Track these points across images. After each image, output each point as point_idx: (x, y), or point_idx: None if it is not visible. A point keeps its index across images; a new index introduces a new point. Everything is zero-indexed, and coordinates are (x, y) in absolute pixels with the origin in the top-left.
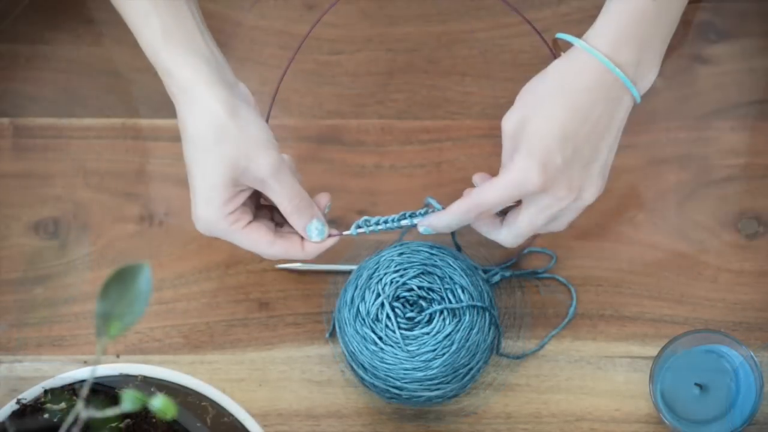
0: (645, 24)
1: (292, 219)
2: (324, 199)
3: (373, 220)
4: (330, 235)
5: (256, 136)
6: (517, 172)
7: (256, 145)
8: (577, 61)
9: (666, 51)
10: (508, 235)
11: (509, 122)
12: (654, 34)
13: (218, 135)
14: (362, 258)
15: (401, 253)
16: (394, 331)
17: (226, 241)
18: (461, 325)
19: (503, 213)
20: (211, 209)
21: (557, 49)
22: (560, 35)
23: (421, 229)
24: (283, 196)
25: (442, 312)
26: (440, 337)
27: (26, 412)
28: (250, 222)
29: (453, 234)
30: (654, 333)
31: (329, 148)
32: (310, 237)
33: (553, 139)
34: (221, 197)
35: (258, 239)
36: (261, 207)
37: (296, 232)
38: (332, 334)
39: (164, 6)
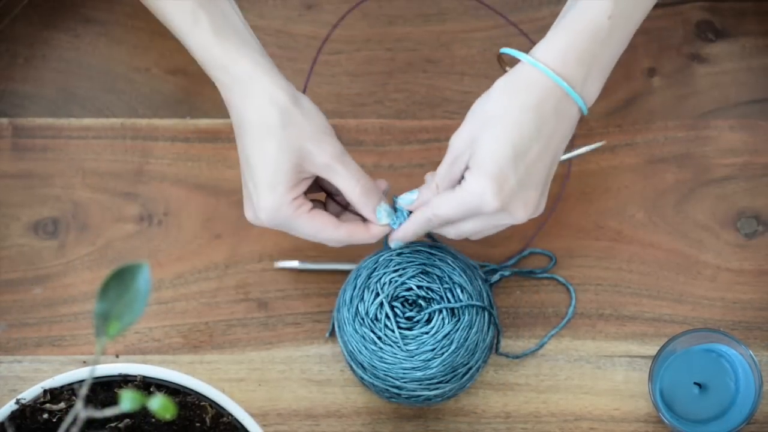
0: (597, 41)
1: (361, 201)
2: (383, 184)
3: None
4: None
5: (318, 123)
6: (473, 195)
7: (320, 131)
8: (523, 76)
9: (664, 50)
10: (451, 231)
11: (457, 139)
12: (604, 51)
13: (284, 120)
14: (361, 257)
15: (400, 253)
16: (393, 331)
17: (282, 233)
18: (460, 325)
19: None
20: (277, 195)
21: (503, 64)
22: (505, 50)
23: (392, 244)
24: (351, 178)
25: (441, 311)
26: (439, 336)
27: (25, 412)
28: (312, 208)
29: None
30: (653, 332)
31: None
32: (380, 219)
33: (505, 159)
34: (287, 183)
35: (323, 224)
36: (315, 202)
37: (358, 218)
38: (332, 333)
39: (209, 4)
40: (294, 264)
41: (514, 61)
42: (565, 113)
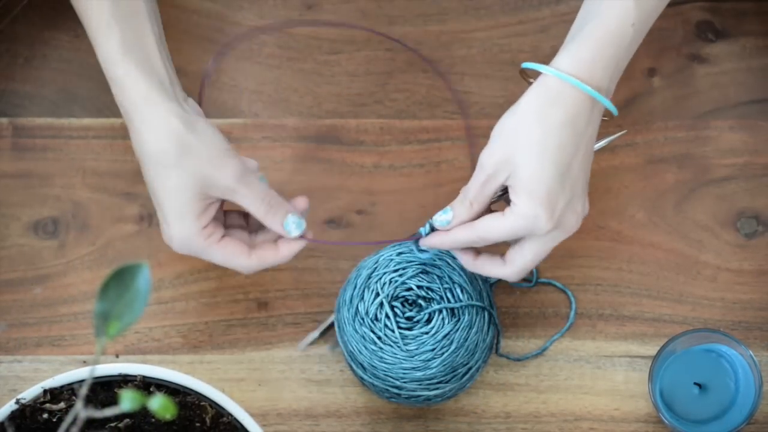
0: (621, 48)
1: (267, 219)
2: (302, 203)
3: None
4: (303, 237)
5: (216, 146)
6: (526, 219)
7: (218, 155)
8: (553, 91)
9: (664, 50)
10: (513, 271)
11: (490, 159)
12: (625, 57)
13: (180, 149)
14: (361, 257)
15: (400, 253)
16: (393, 331)
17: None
18: (460, 325)
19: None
20: (186, 225)
21: (526, 77)
22: (528, 65)
23: (422, 245)
24: (253, 198)
25: (441, 311)
26: (439, 336)
27: (25, 412)
28: (223, 236)
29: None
30: (653, 332)
31: (328, 148)
32: (289, 232)
33: (553, 180)
34: (194, 211)
35: (234, 253)
36: (230, 225)
37: (268, 239)
38: (323, 334)
39: (125, 20)
40: (313, 336)
41: (536, 72)
42: (596, 119)
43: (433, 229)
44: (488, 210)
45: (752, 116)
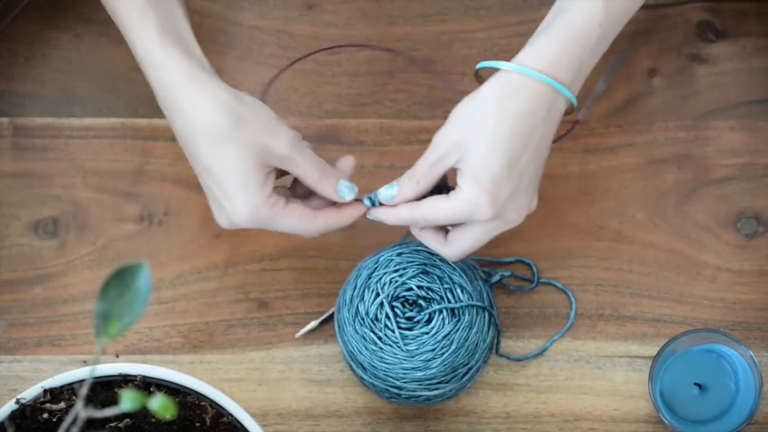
0: (586, 48)
1: (320, 185)
2: (349, 162)
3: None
4: (357, 199)
5: (266, 116)
6: (468, 204)
7: (271, 124)
8: (514, 81)
9: (664, 50)
10: (451, 252)
11: (444, 139)
12: (591, 58)
13: (235, 121)
14: (362, 257)
15: (400, 253)
16: (393, 331)
17: (260, 232)
18: (460, 325)
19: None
20: (252, 196)
21: (481, 79)
22: (484, 64)
23: (369, 216)
24: (308, 165)
25: (441, 311)
26: (439, 336)
27: (25, 411)
28: (287, 203)
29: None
30: (653, 333)
31: (328, 148)
32: (343, 196)
33: (499, 169)
34: (257, 181)
35: (300, 217)
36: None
37: (322, 206)
38: (320, 324)
39: (159, 5)
40: (312, 325)
41: (491, 74)
42: (555, 115)
43: (375, 204)
44: (436, 191)
45: (753, 116)
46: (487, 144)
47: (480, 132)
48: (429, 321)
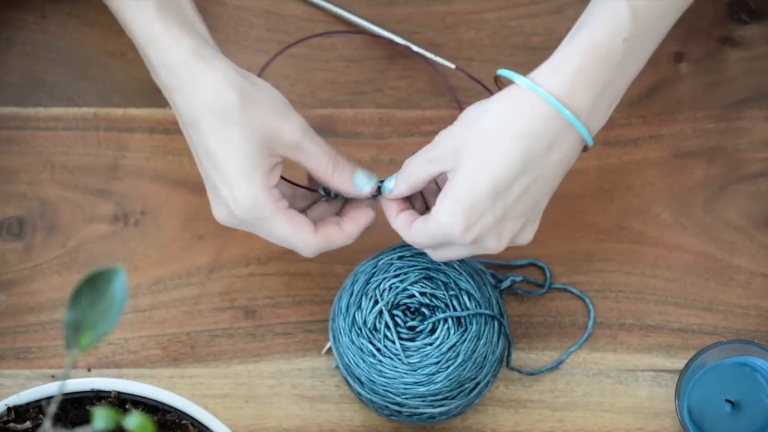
0: (610, 65)
1: (335, 177)
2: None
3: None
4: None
5: (277, 99)
6: (443, 228)
7: (281, 108)
8: (523, 101)
9: (692, 32)
10: (436, 258)
11: (444, 142)
12: (617, 77)
13: (244, 101)
14: (359, 261)
15: (401, 256)
16: (393, 342)
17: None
18: (467, 335)
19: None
20: (254, 182)
21: (501, 85)
22: (503, 72)
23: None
24: (320, 154)
25: (446, 321)
26: (444, 348)
27: None
28: (288, 207)
29: None
30: (680, 344)
31: None
32: (361, 188)
33: (483, 194)
34: (262, 167)
35: (301, 225)
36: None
37: (326, 215)
38: (330, 350)
39: None
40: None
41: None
42: (565, 143)
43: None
44: (436, 191)
45: None
46: (477, 164)
47: (475, 148)
48: (433, 331)
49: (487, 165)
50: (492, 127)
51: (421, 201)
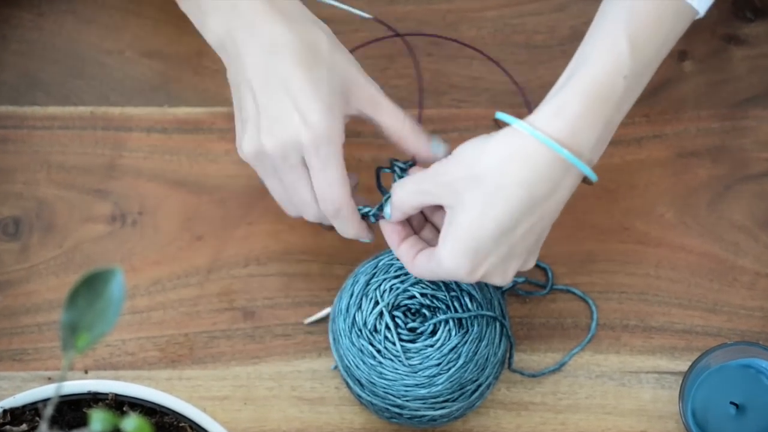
0: (611, 103)
1: (412, 136)
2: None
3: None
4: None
5: (350, 55)
6: (447, 271)
7: (355, 63)
8: (525, 146)
9: (696, 30)
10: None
11: (440, 177)
12: (618, 113)
13: (331, 44)
14: (359, 262)
15: None
16: (394, 343)
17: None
18: (469, 337)
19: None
20: (334, 116)
21: (502, 125)
22: (501, 116)
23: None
24: (397, 111)
25: (447, 322)
26: (445, 349)
27: None
28: None
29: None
30: (684, 346)
31: None
32: (438, 151)
33: (488, 238)
34: (340, 107)
35: (344, 181)
36: None
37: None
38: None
39: None
40: (326, 312)
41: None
42: (569, 183)
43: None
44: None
45: None
46: (481, 207)
47: (477, 190)
48: (434, 332)
49: (491, 210)
50: (494, 171)
51: (419, 216)
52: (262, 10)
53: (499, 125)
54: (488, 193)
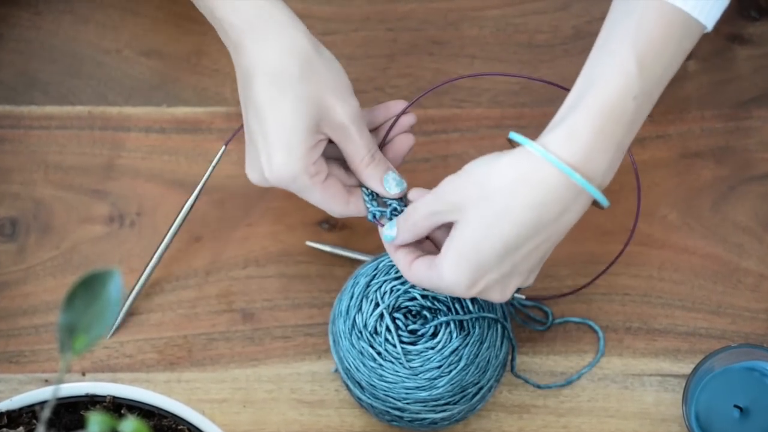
0: (622, 125)
1: (367, 171)
2: (409, 119)
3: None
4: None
5: (340, 77)
6: (446, 283)
7: (341, 87)
8: (537, 170)
9: None
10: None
11: (449, 196)
12: (628, 134)
13: (304, 69)
14: (359, 263)
15: None
16: (394, 346)
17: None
18: (470, 339)
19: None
20: (294, 159)
21: (515, 145)
22: (514, 136)
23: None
24: (362, 144)
25: (448, 324)
26: (446, 352)
27: None
28: (327, 177)
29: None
30: (688, 348)
31: None
32: (389, 189)
33: (492, 255)
34: (305, 144)
35: (335, 195)
36: (329, 157)
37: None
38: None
39: None
40: (324, 246)
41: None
42: (578, 206)
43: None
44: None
45: None
46: (487, 225)
47: (484, 207)
48: (435, 334)
49: (498, 228)
50: (504, 191)
51: None
52: (248, 29)
53: (512, 145)
54: (496, 212)
